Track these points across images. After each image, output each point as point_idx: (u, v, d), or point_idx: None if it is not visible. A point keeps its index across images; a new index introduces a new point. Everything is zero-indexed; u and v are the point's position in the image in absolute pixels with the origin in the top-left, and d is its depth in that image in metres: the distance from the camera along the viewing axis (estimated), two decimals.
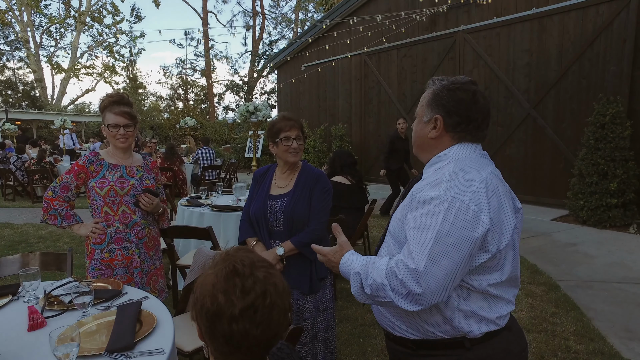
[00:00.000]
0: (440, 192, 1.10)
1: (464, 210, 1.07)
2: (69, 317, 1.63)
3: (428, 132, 1.25)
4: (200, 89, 32.56)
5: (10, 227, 6.50)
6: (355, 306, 3.48)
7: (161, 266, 2.49)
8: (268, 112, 4.61)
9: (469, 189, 1.10)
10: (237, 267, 0.89)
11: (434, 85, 1.27)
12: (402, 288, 1.07)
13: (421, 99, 1.30)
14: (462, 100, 1.20)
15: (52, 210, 2.21)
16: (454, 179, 1.13)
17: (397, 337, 1.27)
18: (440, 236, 1.06)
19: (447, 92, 1.21)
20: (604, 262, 4.44)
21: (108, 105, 2.22)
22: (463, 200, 1.07)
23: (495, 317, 1.17)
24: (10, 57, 28.84)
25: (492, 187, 1.14)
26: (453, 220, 1.06)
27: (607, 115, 5.69)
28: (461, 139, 1.23)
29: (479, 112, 1.21)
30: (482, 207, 1.08)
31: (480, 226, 1.07)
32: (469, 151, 1.22)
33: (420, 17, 8.66)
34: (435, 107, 1.23)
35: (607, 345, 2.83)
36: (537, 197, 7.15)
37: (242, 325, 0.84)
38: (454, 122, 1.21)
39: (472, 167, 1.17)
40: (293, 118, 2.15)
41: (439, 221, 1.07)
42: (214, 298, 0.86)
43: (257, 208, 2.17)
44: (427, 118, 1.25)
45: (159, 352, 1.36)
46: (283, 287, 0.91)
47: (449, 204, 1.07)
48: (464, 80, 1.24)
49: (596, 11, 6.33)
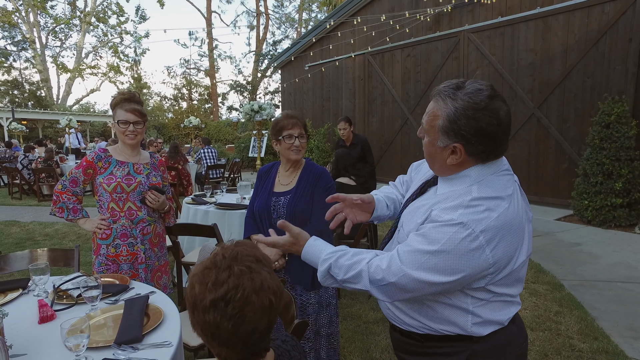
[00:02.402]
0: (455, 216, 1.04)
1: (471, 240, 1.01)
2: (77, 310, 1.66)
3: (446, 158, 1.11)
4: (204, 89, 32.71)
5: (18, 225, 6.57)
6: (359, 304, 3.50)
7: (166, 263, 2.52)
8: (272, 111, 4.64)
9: (484, 220, 1.02)
10: (217, 259, 0.91)
11: (446, 106, 1.07)
12: (380, 278, 1.10)
13: (430, 114, 1.12)
14: (487, 128, 1.04)
15: (60, 203, 2.26)
16: (473, 205, 1.05)
17: (405, 331, 1.28)
18: (436, 255, 1.04)
19: (467, 120, 1.04)
20: (608, 261, 4.43)
21: (119, 102, 2.26)
22: (475, 231, 1.01)
23: (505, 320, 1.18)
24: (17, 58, 29.10)
25: (511, 219, 1.06)
26: (457, 246, 1.02)
27: (612, 115, 5.67)
28: (485, 160, 1.11)
29: (503, 132, 1.06)
30: (490, 243, 1.02)
31: (480, 258, 1.02)
32: (492, 170, 1.12)
33: (424, 16, 8.65)
34: (453, 136, 1.07)
35: (611, 344, 2.83)
36: (541, 197, 7.13)
37: (213, 316, 0.86)
38: (478, 150, 1.08)
39: (496, 192, 1.08)
40: (296, 116, 2.18)
41: (442, 241, 1.03)
42: (192, 288, 0.90)
43: (261, 205, 2.19)
44: (442, 144, 1.10)
45: (167, 344, 1.39)
46: (262, 283, 0.90)
47: (458, 229, 1.02)
48: (483, 97, 1.04)
49: (601, 10, 6.31)
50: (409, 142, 9.52)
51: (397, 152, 9.90)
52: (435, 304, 1.17)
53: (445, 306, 1.15)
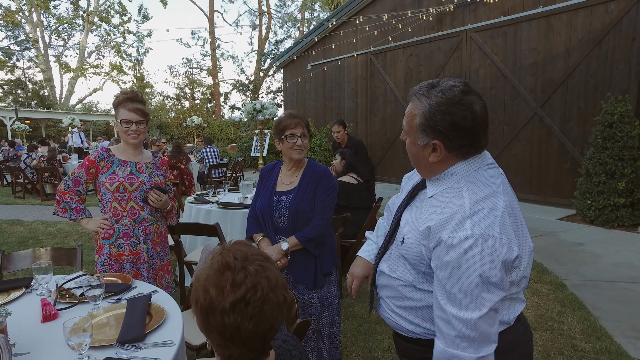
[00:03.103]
0: (468, 232, 1.03)
1: (498, 245, 1.01)
2: (80, 309, 1.66)
3: (428, 156, 1.14)
4: (206, 88, 32.73)
5: (21, 224, 6.60)
6: (361, 304, 3.50)
7: (168, 262, 2.53)
8: (274, 110, 4.64)
9: (495, 221, 1.03)
10: (229, 260, 0.90)
11: (422, 106, 1.10)
12: (462, 340, 1.05)
13: (407, 115, 1.16)
14: (461, 122, 1.06)
15: (63, 203, 2.27)
16: (476, 211, 1.05)
17: (410, 338, 1.27)
18: (484, 278, 1.01)
19: (442, 115, 1.07)
20: (611, 261, 4.41)
21: (122, 101, 2.27)
22: (495, 236, 1.01)
23: (512, 319, 1.18)
24: (20, 57, 29.23)
25: (511, 212, 1.09)
26: (491, 258, 1.01)
27: (615, 114, 5.65)
28: (466, 154, 1.13)
29: (480, 126, 1.09)
30: (512, 238, 1.04)
31: (512, 253, 1.03)
32: (476, 165, 1.14)
33: (426, 16, 8.64)
34: (430, 133, 1.10)
35: (614, 344, 2.82)
36: (544, 197, 7.11)
37: (233, 318, 0.85)
38: (456, 145, 1.10)
39: (486, 187, 1.10)
40: (299, 116, 2.18)
41: (478, 263, 1.01)
42: (206, 292, 0.88)
43: (263, 204, 2.20)
44: (422, 143, 1.13)
45: (169, 343, 1.39)
46: (276, 280, 0.91)
47: (482, 243, 1.01)
48: (456, 93, 1.07)
49: (605, 9, 6.28)
50: None
51: (399, 152, 9.89)
52: None
53: None
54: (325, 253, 2.18)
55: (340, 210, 3.55)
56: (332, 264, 2.23)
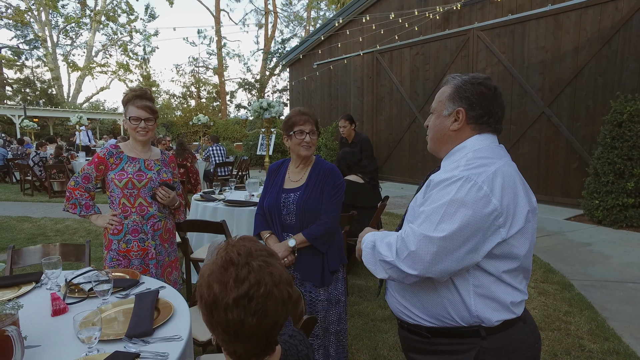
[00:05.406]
0: (455, 173, 1.16)
1: (476, 189, 1.11)
2: (89, 304, 1.68)
3: (449, 125, 1.28)
4: (212, 87, 32.84)
5: (29, 221, 6.67)
6: (367, 302, 3.50)
7: (176, 259, 2.54)
8: (281, 108, 4.65)
9: (483, 172, 1.14)
10: (232, 256, 0.90)
11: (455, 81, 1.30)
12: (405, 249, 1.14)
13: (439, 94, 1.33)
14: (485, 94, 1.24)
15: (73, 199, 2.29)
16: (470, 164, 1.18)
17: (412, 325, 1.28)
18: (453, 203, 1.11)
19: (471, 85, 1.26)
20: (619, 262, 4.37)
21: (131, 98, 2.29)
22: (477, 181, 1.12)
23: (509, 302, 1.18)
24: (29, 56, 29.52)
25: (507, 174, 1.17)
26: (466, 194, 1.11)
27: (624, 114, 5.58)
28: (482, 130, 1.27)
29: (499, 107, 1.27)
30: (493, 191, 1.12)
31: (489, 206, 1.10)
32: (487, 142, 1.26)
33: (433, 14, 8.60)
34: (458, 100, 1.27)
35: (622, 345, 2.80)
36: (551, 197, 7.05)
37: (236, 314, 0.86)
38: (476, 115, 1.25)
39: (490, 155, 1.21)
40: (308, 113, 2.19)
41: (453, 192, 1.12)
42: (210, 288, 0.88)
43: (271, 201, 2.20)
44: (447, 112, 1.28)
45: (177, 338, 1.40)
46: (280, 276, 0.91)
47: (462, 182, 1.13)
48: (484, 76, 1.29)
49: (615, 7, 6.21)
50: (417, 140, 9.47)
51: (405, 150, 9.86)
52: (439, 286, 1.20)
53: (449, 285, 1.19)
54: (333, 251, 2.18)
55: (346, 209, 3.54)
56: (340, 262, 2.23)
